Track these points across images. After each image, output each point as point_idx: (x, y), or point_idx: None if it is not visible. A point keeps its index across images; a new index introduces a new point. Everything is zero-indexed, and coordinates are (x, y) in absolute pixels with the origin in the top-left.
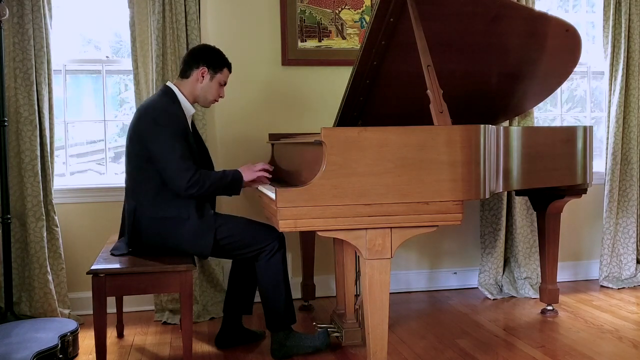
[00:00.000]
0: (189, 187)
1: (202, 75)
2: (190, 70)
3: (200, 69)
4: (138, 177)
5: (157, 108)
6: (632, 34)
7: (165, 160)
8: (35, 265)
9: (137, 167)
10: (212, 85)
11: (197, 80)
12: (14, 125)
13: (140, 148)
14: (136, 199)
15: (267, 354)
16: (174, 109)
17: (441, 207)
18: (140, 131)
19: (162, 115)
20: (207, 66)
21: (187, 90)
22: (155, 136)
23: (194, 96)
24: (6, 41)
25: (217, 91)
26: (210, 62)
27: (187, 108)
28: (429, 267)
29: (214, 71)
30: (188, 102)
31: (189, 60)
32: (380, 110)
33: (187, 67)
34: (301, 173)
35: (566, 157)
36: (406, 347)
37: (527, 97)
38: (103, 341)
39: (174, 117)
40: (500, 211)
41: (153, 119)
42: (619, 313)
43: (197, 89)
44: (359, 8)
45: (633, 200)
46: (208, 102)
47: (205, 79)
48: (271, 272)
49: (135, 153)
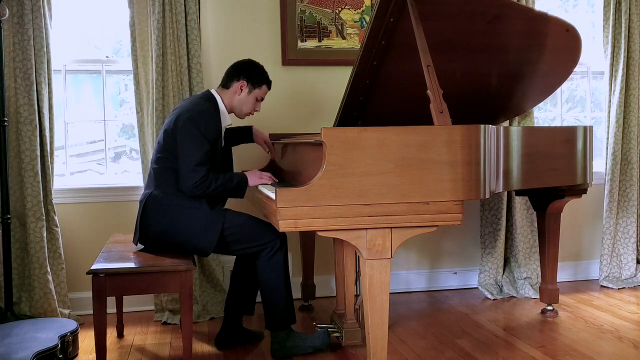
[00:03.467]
0: (195, 188)
1: (241, 88)
2: (231, 82)
3: (240, 82)
4: (163, 167)
5: (197, 110)
6: (632, 34)
7: (183, 158)
8: (35, 265)
9: (163, 157)
10: (249, 99)
11: (235, 92)
12: (14, 125)
13: (170, 142)
14: (156, 186)
15: (267, 354)
16: (212, 115)
17: (441, 207)
18: (175, 127)
19: (199, 117)
20: (247, 80)
21: (226, 100)
22: (185, 134)
23: (231, 106)
24: (6, 41)
25: (252, 105)
26: (250, 77)
27: (225, 118)
28: (429, 267)
29: (252, 86)
30: (226, 112)
31: (232, 72)
32: (380, 110)
33: (229, 78)
34: (301, 173)
35: (566, 157)
36: (406, 347)
37: (527, 97)
38: (103, 341)
39: (210, 122)
40: (500, 211)
41: (189, 118)
42: (619, 313)
43: (234, 100)
44: (359, 8)
45: (633, 200)
46: (243, 114)
47: (244, 92)
48: (272, 271)
49: (166, 145)
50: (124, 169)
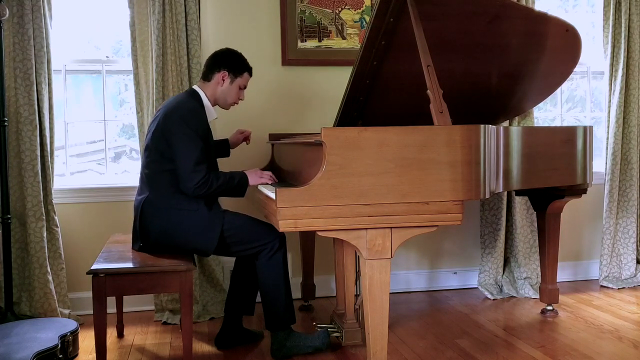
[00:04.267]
0: (197, 189)
1: (222, 78)
2: (212, 74)
3: (222, 72)
4: (155, 170)
5: (185, 108)
6: (632, 34)
7: (181, 159)
8: (35, 265)
9: (155, 160)
10: (232, 88)
11: (217, 84)
12: (14, 125)
13: (162, 144)
14: (150, 190)
15: (267, 354)
16: (200, 112)
17: (441, 207)
18: (166, 128)
19: (189, 116)
20: (228, 70)
21: (209, 93)
22: (179, 135)
23: (215, 98)
24: (6, 41)
25: (236, 94)
26: (230, 66)
27: (210, 112)
28: (429, 267)
29: (234, 75)
30: (211, 106)
31: (211, 64)
32: (380, 110)
33: (209, 70)
34: (301, 173)
35: (566, 157)
36: (406, 347)
37: (527, 97)
38: (103, 341)
39: (199, 118)
40: (500, 211)
41: (180, 117)
42: (619, 313)
43: (217, 91)
44: (359, 8)
45: (633, 200)
46: (227, 105)
47: (226, 83)
48: (272, 271)
49: (156, 148)
50: (124, 169)
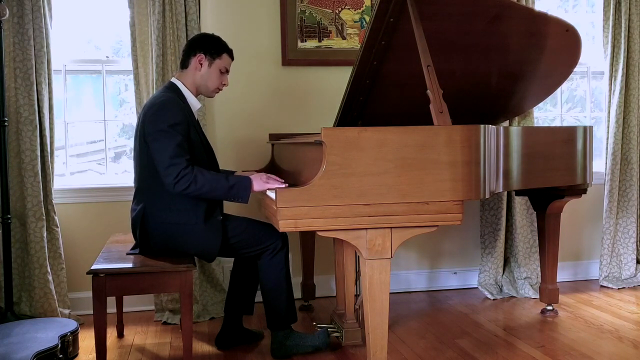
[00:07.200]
0: (178, 184)
1: (199, 62)
2: (188, 59)
3: (198, 56)
4: (146, 178)
5: (157, 104)
6: (632, 34)
7: (156, 156)
8: (35, 265)
9: (144, 166)
10: (212, 72)
11: (195, 69)
12: (14, 125)
13: (144, 149)
14: (144, 201)
15: (267, 354)
16: (175, 103)
17: (441, 207)
18: (143, 131)
19: (161, 110)
20: (205, 52)
21: (189, 82)
22: (153, 133)
23: (196, 86)
24: (6, 41)
25: (218, 79)
26: (207, 48)
27: (192, 103)
28: (429, 267)
29: (212, 57)
30: (193, 95)
31: (187, 50)
32: (380, 110)
33: (186, 56)
34: (301, 173)
35: (566, 157)
36: (406, 347)
37: (527, 97)
38: (103, 341)
39: (174, 111)
40: (500, 211)
41: (153, 114)
42: (619, 313)
43: (197, 77)
44: (359, 8)
45: (633, 200)
46: (210, 92)
47: (204, 66)
48: (273, 271)
49: (144, 154)
50: (124, 169)
